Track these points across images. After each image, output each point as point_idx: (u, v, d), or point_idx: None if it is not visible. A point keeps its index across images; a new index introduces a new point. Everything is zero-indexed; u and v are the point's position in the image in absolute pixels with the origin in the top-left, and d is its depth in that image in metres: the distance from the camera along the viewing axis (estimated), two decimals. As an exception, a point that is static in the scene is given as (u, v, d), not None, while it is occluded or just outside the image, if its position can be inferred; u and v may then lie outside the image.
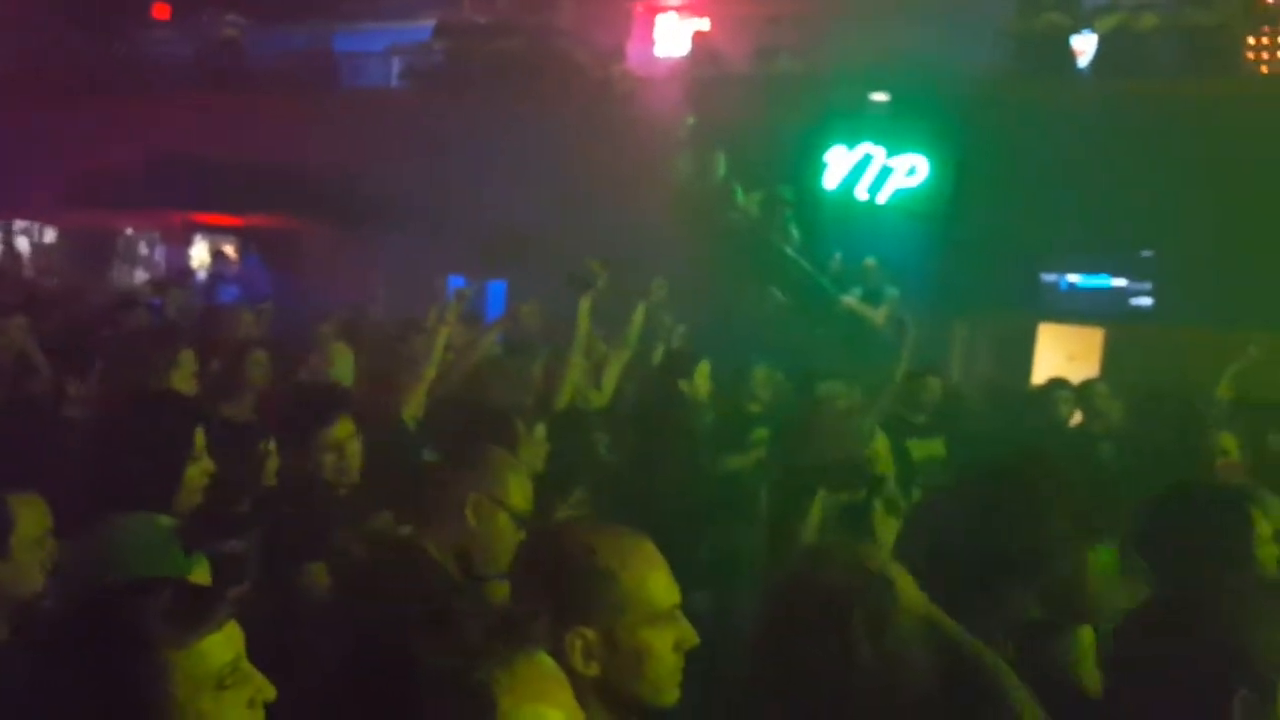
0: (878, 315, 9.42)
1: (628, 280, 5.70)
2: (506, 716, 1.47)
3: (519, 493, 2.61)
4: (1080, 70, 10.43)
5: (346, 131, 12.40)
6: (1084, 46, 10.37)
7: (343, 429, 3.49)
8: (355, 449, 3.48)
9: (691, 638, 1.89)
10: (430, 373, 4.43)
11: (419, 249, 11.62)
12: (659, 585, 1.89)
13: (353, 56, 14.38)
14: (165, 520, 2.62)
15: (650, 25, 13.12)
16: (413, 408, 4.32)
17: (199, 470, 2.71)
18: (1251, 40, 9.93)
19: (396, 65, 13.92)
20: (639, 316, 5.72)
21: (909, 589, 1.96)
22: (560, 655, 1.77)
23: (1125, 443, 5.67)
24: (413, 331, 5.38)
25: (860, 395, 5.66)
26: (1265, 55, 9.97)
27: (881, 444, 4.14)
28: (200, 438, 2.72)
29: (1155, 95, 9.63)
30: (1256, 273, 8.77)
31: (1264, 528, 2.26)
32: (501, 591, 2.29)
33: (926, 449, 5.84)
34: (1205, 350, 7.47)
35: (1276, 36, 9.91)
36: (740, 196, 10.16)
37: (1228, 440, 4.82)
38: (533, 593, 1.90)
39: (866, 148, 10.97)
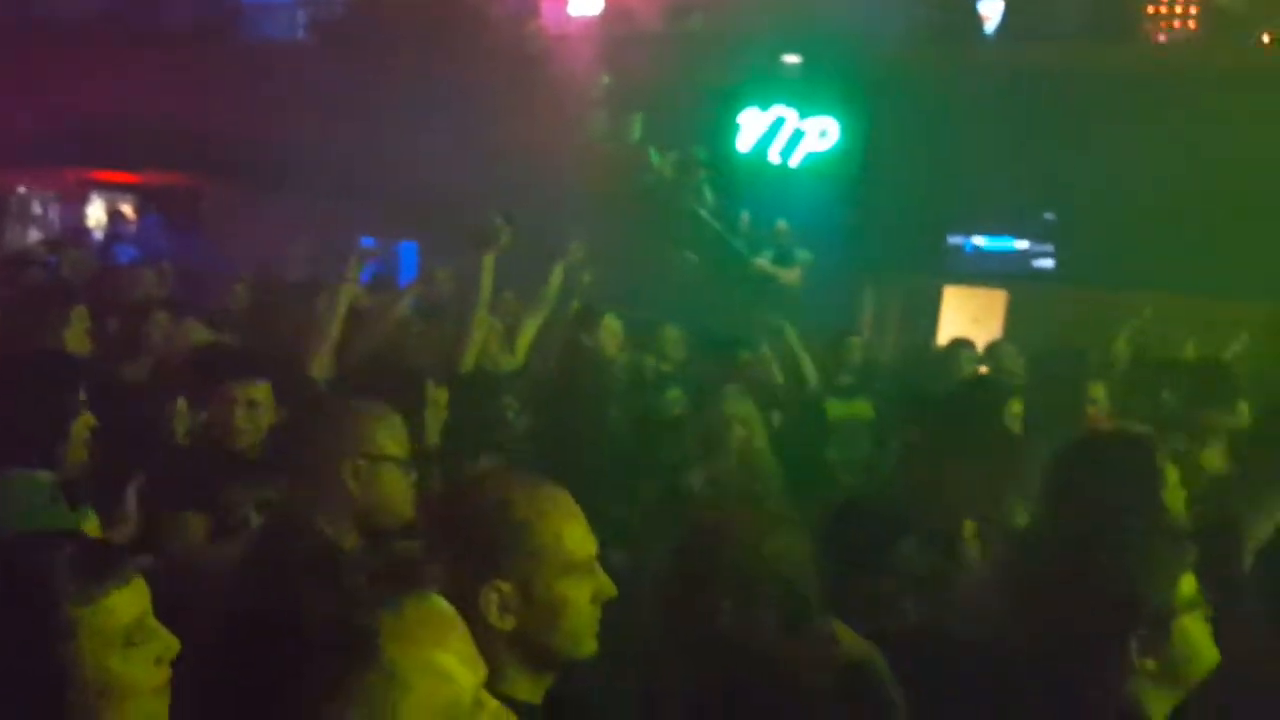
0: (789, 277, 9.52)
1: (543, 241, 5.64)
2: (393, 663, 1.40)
3: (392, 440, 2.54)
4: (987, 35, 10.57)
5: (249, 86, 12.05)
6: (991, 12, 10.50)
7: (257, 390, 3.44)
8: (266, 414, 3.43)
9: (609, 589, 1.87)
10: (334, 332, 4.34)
11: (326, 209, 11.37)
12: (575, 536, 1.87)
13: (256, 8, 13.96)
14: (45, 476, 2.59)
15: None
16: (319, 368, 4.23)
17: (83, 425, 2.66)
18: (1150, 8, 10.18)
19: (302, 17, 13.54)
20: (556, 277, 5.68)
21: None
22: (474, 609, 1.75)
23: (1027, 398, 5.81)
24: (317, 291, 5.27)
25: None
26: (1163, 23, 10.23)
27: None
28: (82, 394, 2.68)
29: (1057, 61, 9.81)
30: (1154, 234, 9.02)
31: (1172, 475, 2.34)
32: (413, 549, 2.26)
33: (850, 409, 5.91)
34: (1104, 310, 7.70)
35: (1174, 4, 10.17)
36: (655, 158, 10.14)
37: (1096, 389, 4.95)
38: (446, 546, 1.87)
39: (779, 110, 11.02)
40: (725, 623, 2.06)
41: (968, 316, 10.47)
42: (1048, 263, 10.43)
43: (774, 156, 11.05)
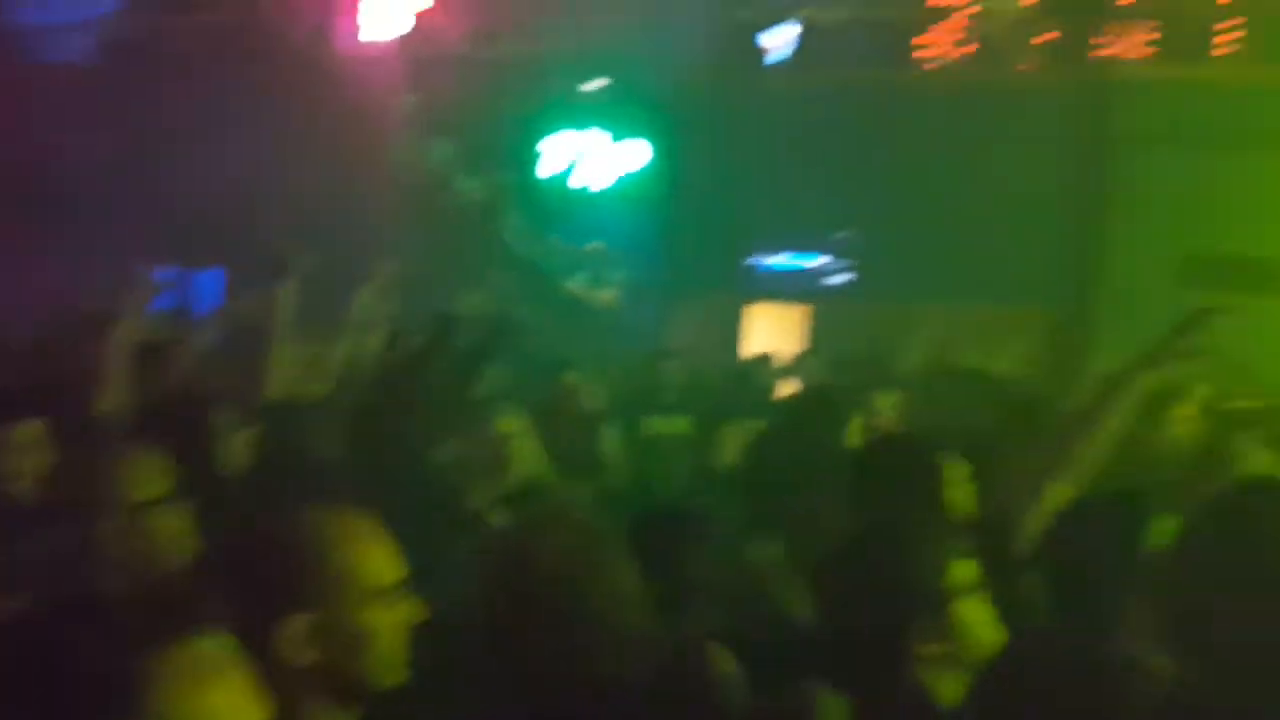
0: (602, 299, 9.65)
1: (349, 267, 5.56)
2: (161, 707, 1.35)
3: (160, 480, 2.47)
4: (781, 62, 11.02)
5: (31, 108, 11.40)
6: (773, 42, 10.97)
7: (28, 432, 3.27)
8: (39, 456, 3.26)
9: (417, 614, 1.83)
10: (120, 367, 4.16)
11: (116, 237, 10.85)
12: (377, 562, 1.82)
13: (39, 27, 13.20)
14: None
15: (368, 3, 12.77)
16: (107, 405, 4.04)
17: None
18: (924, 37, 10.88)
19: (86, 37, 12.89)
20: (361, 303, 5.59)
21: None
22: (269, 644, 1.71)
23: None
24: (99, 326, 5.04)
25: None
26: (937, 50, 10.94)
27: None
28: None
29: (843, 86, 10.35)
30: (944, 249, 9.58)
31: (953, 473, 2.51)
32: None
33: (670, 426, 6.02)
34: (900, 323, 8.12)
35: (947, 33, 10.89)
36: (463, 181, 10.11)
37: (886, 398, 5.22)
38: (237, 582, 1.82)
39: (589, 133, 11.17)
40: (548, 643, 2.06)
41: (772, 332, 10.85)
42: (846, 278, 10.91)
43: (584, 179, 11.19)
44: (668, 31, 10.07)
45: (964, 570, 1.92)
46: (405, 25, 12.08)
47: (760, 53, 10.97)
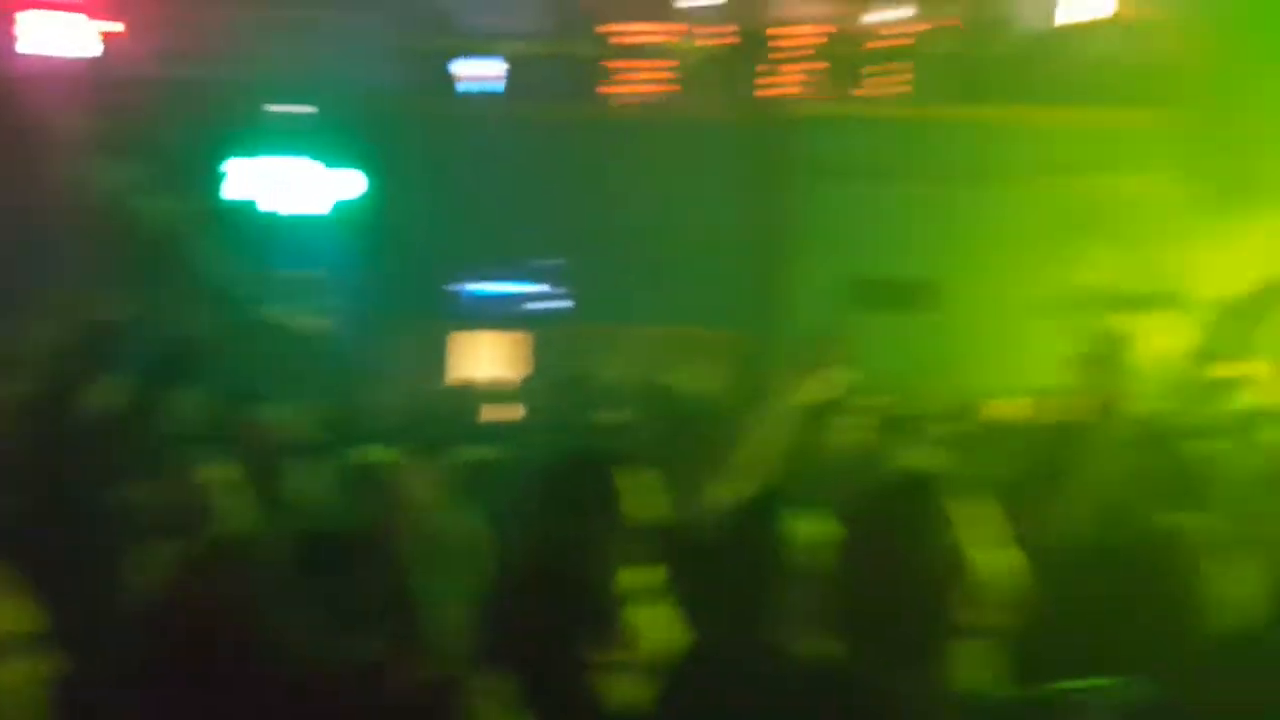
0: (309, 327, 9.42)
1: (27, 294, 5.22)
2: None
3: None
4: (487, 92, 11.20)
5: None
6: (488, 70, 11.15)
7: None
8: None
9: (51, 667, 1.72)
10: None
11: None
12: (4, 614, 1.70)
13: None
14: None
15: (54, 23, 11.93)
16: None
17: None
18: (627, 69, 11.36)
19: None
20: (41, 336, 5.23)
21: None
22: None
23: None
24: None
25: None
26: (639, 85, 11.42)
27: None
28: None
29: (542, 117, 10.63)
30: (645, 275, 10.01)
31: (629, 483, 2.63)
32: None
33: (383, 455, 5.92)
34: (611, 344, 8.44)
35: (646, 67, 11.43)
36: (148, 204, 9.62)
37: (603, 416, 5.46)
38: None
39: (290, 159, 10.90)
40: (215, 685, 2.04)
41: (493, 358, 10.96)
42: (560, 304, 11.17)
43: (286, 205, 10.90)
44: (370, 57, 10.01)
45: (640, 576, 1.95)
46: (93, 46, 11.41)
47: (462, 82, 11.11)
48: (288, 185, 10.88)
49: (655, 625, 1.93)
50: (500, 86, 11.09)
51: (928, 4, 11.13)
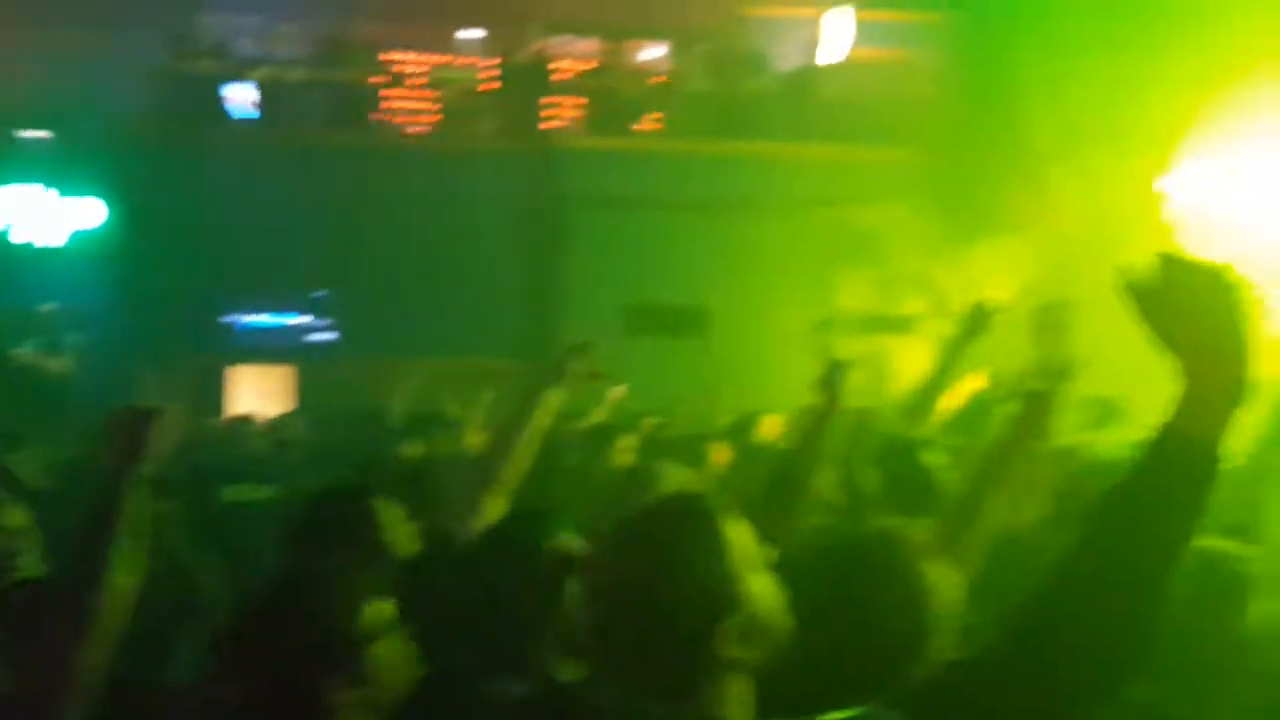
0: (57, 365, 8.86)
1: None
2: None
3: None
4: (245, 117, 10.83)
5: None
6: (244, 95, 10.79)
7: None
8: None
9: None
10: None
11: None
12: None
13: None
14: None
15: None
16: None
17: None
18: (391, 101, 11.27)
19: None
20: None
21: None
22: None
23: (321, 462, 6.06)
24: None
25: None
26: (404, 116, 11.36)
27: None
28: None
29: (309, 144, 10.42)
30: (418, 305, 9.89)
31: (388, 515, 2.60)
32: None
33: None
34: (384, 376, 8.28)
35: (411, 99, 11.34)
36: None
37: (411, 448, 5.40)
38: None
39: (34, 188, 10.24)
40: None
41: (257, 392, 10.55)
42: (328, 336, 10.89)
43: (32, 236, 10.22)
44: (119, 82, 9.52)
45: (383, 609, 1.89)
46: None
47: (222, 107, 10.71)
48: (37, 216, 10.19)
49: (393, 657, 1.88)
50: (271, 112, 10.74)
51: (691, 42, 11.56)
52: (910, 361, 7.99)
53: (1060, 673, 1.51)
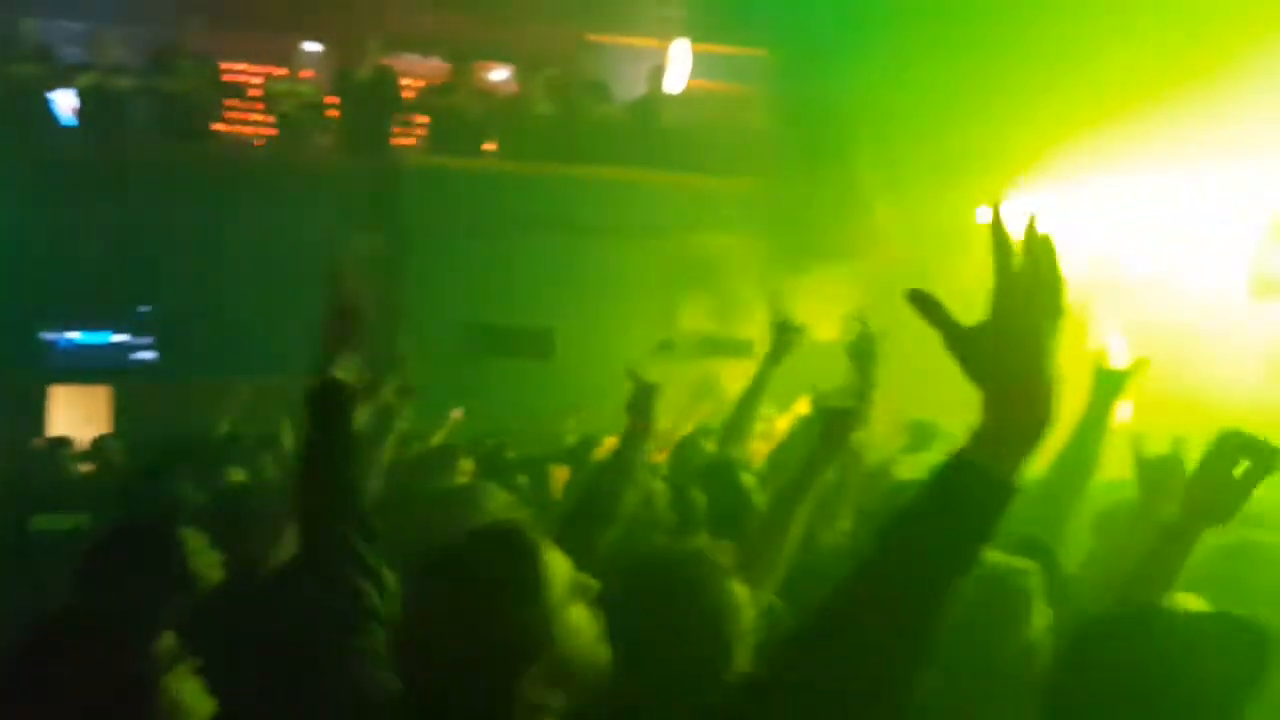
0: None
1: None
2: None
3: None
4: (68, 125, 10.32)
5: None
6: (67, 102, 10.28)
7: None
8: None
9: None
10: None
11: None
12: None
13: None
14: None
15: None
16: None
17: None
18: (226, 112, 10.92)
19: None
20: None
21: None
22: None
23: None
24: None
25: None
26: (239, 126, 11.03)
27: None
28: None
29: (135, 156, 9.99)
30: (245, 323, 9.56)
31: (191, 545, 2.54)
32: None
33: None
34: (208, 398, 7.98)
35: (247, 110, 11.00)
36: None
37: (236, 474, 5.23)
38: None
39: None
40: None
41: (79, 414, 10.04)
42: (149, 355, 10.41)
43: None
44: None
45: (173, 641, 1.85)
46: None
47: (47, 114, 10.17)
48: None
49: (187, 693, 1.83)
50: (99, 121, 10.23)
51: (536, 66, 11.57)
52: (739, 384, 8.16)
53: (824, 696, 1.43)
